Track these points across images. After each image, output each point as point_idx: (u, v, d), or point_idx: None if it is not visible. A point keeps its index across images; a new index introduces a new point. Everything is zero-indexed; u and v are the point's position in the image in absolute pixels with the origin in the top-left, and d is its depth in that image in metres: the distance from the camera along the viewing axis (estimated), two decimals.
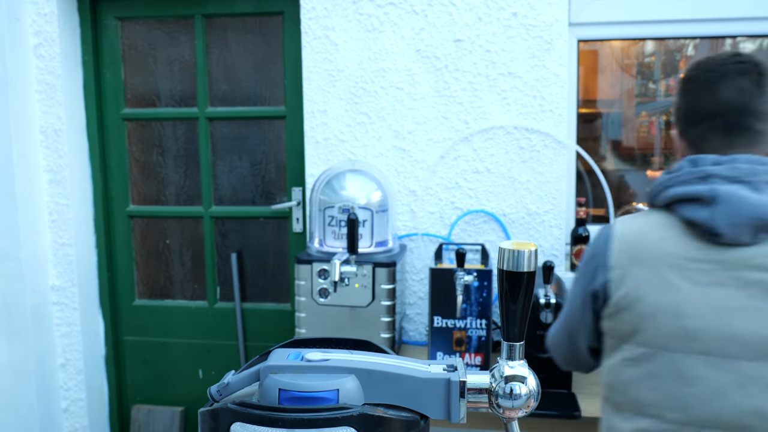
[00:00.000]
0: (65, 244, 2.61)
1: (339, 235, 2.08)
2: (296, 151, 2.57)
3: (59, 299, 2.65)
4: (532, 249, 0.68)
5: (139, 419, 2.79)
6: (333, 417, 0.58)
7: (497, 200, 2.36)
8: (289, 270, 2.66)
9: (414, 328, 2.48)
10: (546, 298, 1.82)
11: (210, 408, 0.62)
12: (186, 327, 2.76)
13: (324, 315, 2.04)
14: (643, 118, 2.72)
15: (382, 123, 2.38)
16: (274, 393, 0.62)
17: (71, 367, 2.70)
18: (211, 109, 2.63)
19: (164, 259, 2.79)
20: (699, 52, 2.71)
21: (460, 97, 2.33)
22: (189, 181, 2.72)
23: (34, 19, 2.49)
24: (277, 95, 2.59)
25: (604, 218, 2.48)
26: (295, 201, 2.59)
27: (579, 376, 2.00)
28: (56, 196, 2.59)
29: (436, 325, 1.94)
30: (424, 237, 2.42)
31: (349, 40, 2.36)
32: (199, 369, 2.77)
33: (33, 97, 2.53)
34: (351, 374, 0.63)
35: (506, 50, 2.28)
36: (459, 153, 2.36)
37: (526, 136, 2.31)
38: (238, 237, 2.71)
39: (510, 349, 0.70)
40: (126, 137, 2.70)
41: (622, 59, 2.72)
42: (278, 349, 0.70)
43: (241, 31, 2.59)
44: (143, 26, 2.65)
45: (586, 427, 1.80)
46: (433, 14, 2.30)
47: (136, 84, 2.69)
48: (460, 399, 0.65)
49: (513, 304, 0.68)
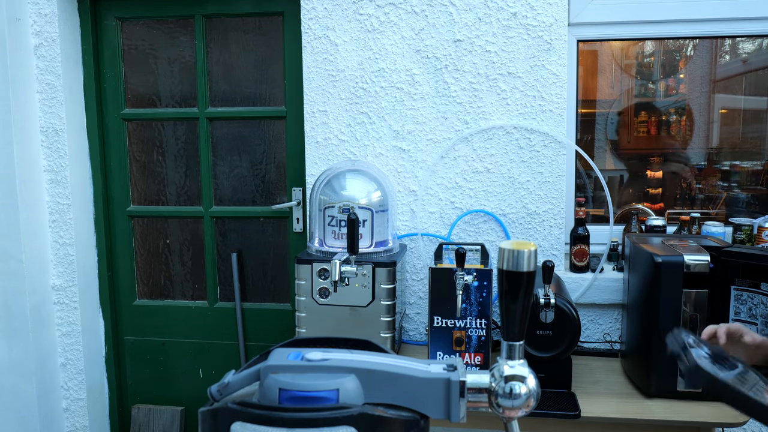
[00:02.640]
0: (66, 243, 2.61)
1: (339, 235, 2.08)
2: (296, 151, 2.57)
3: (60, 299, 2.65)
4: (532, 249, 0.68)
5: (140, 419, 2.79)
6: (333, 417, 0.58)
7: (497, 200, 2.36)
8: (289, 270, 2.66)
9: (414, 328, 2.48)
10: (546, 298, 1.83)
11: (210, 407, 0.62)
12: (186, 327, 2.77)
13: (324, 315, 2.04)
14: (643, 118, 2.72)
15: (382, 123, 2.38)
16: (274, 393, 0.62)
17: (72, 366, 2.70)
18: (211, 109, 2.63)
19: (164, 258, 2.79)
20: (699, 52, 2.71)
21: (460, 97, 2.33)
22: (189, 181, 2.72)
23: (35, 20, 2.49)
24: (277, 95, 2.59)
25: (604, 218, 2.48)
26: (295, 201, 2.60)
27: (579, 376, 2.00)
28: (57, 196, 2.59)
29: (436, 324, 1.94)
30: (424, 237, 2.42)
31: (350, 40, 2.36)
32: (199, 369, 2.78)
33: (34, 97, 2.54)
34: (351, 374, 0.63)
35: (506, 50, 2.28)
36: (459, 153, 2.36)
37: (525, 136, 2.31)
38: (238, 237, 2.72)
39: (510, 349, 0.70)
40: (126, 137, 2.70)
41: (621, 59, 2.72)
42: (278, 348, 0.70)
43: (241, 31, 2.59)
44: (143, 26, 2.65)
45: (586, 427, 1.80)
46: (433, 14, 2.31)
47: (137, 84, 2.69)
48: (460, 399, 0.65)
49: (513, 303, 0.68)
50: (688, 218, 2.24)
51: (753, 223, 2.26)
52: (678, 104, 2.71)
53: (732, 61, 2.69)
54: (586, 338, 2.36)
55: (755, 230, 2.25)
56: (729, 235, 2.27)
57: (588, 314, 2.35)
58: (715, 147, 2.66)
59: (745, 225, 2.26)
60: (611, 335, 2.35)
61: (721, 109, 2.67)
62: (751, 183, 2.59)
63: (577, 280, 2.31)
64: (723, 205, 2.63)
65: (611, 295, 2.29)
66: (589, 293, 2.30)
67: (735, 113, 2.68)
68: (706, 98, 2.67)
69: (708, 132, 2.66)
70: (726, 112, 2.68)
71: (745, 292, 1.81)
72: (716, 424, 1.74)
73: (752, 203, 2.58)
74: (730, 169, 2.63)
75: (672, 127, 2.71)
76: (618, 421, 1.78)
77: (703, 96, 2.68)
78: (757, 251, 1.82)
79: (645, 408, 1.79)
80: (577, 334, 1.85)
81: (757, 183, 2.58)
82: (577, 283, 2.31)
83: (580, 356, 2.22)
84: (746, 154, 2.61)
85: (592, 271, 2.32)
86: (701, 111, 2.67)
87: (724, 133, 2.67)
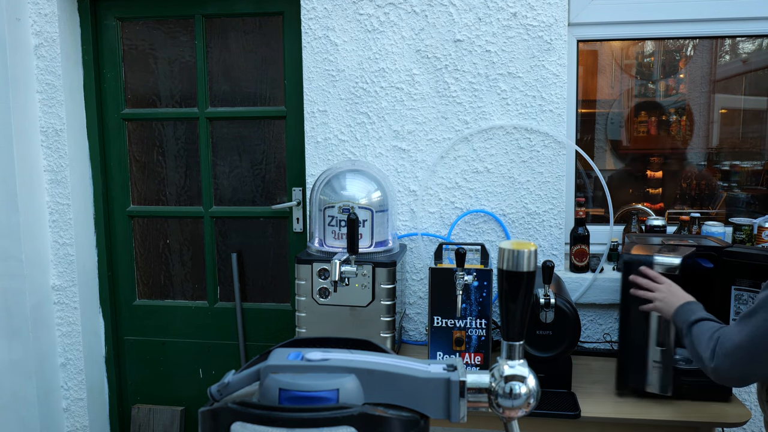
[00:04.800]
0: (66, 243, 2.61)
1: (339, 235, 2.08)
2: (296, 151, 2.57)
3: (60, 299, 2.65)
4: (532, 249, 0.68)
5: (140, 419, 2.79)
6: (333, 417, 0.58)
7: (497, 200, 2.36)
8: (289, 270, 2.66)
9: (414, 328, 2.48)
10: (546, 298, 1.83)
11: (210, 407, 0.62)
12: (186, 327, 2.76)
13: (324, 315, 2.04)
14: (643, 118, 2.72)
15: (382, 123, 2.38)
16: (274, 393, 0.62)
17: (72, 366, 2.70)
18: (211, 109, 2.63)
19: (164, 258, 2.79)
20: (699, 52, 2.71)
21: (460, 97, 2.33)
22: (189, 181, 2.72)
23: (35, 20, 2.49)
24: (277, 95, 2.59)
25: (604, 218, 2.48)
26: (295, 201, 2.60)
27: (579, 376, 2.00)
28: (57, 196, 2.59)
29: (436, 324, 1.94)
30: (424, 237, 2.42)
31: (350, 41, 2.36)
32: (199, 369, 2.78)
33: (34, 97, 2.54)
34: (351, 374, 0.63)
35: (506, 50, 2.28)
36: (459, 153, 2.36)
37: (525, 136, 2.31)
38: (238, 237, 2.72)
39: (510, 349, 0.70)
40: (126, 137, 2.70)
41: (621, 59, 2.72)
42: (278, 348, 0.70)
43: (241, 31, 2.59)
44: (143, 26, 2.65)
45: (586, 427, 1.80)
46: (433, 14, 2.31)
47: (137, 84, 2.69)
48: (460, 398, 0.65)
49: (513, 303, 0.68)
50: (688, 218, 2.24)
51: (753, 223, 2.26)
52: (678, 104, 2.71)
53: (732, 61, 2.69)
54: (586, 338, 2.36)
55: (755, 230, 2.25)
56: (729, 235, 2.27)
57: (588, 314, 2.35)
58: (715, 147, 2.66)
59: (745, 225, 2.26)
60: (611, 335, 2.35)
61: (721, 109, 2.67)
62: (751, 183, 2.59)
63: (577, 280, 2.31)
64: (723, 205, 2.63)
65: (611, 295, 2.29)
66: (589, 293, 2.30)
67: (735, 113, 2.68)
68: (706, 98, 2.67)
69: (708, 132, 2.66)
70: (726, 112, 2.68)
71: (746, 292, 1.81)
72: (716, 424, 1.74)
73: (752, 203, 2.58)
74: (730, 169, 2.63)
75: (672, 127, 2.71)
76: (618, 421, 1.78)
77: (703, 96, 2.68)
78: (757, 251, 1.82)
79: (645, 408, 1.79)
80: (577, 334, 1.85)
81: (757, 183, 2.58)
82: (577, 283, 2.30)
83: (580, 356, 2.22)
84: (746, 154, 2.61)
85: (592, 271, 2.32)
86: (701, 111, 2.67)
87: (724, 133, 2.67)
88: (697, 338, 1.47)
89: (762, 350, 1.33)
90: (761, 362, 1.36)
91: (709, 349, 1.41)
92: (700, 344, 1.45)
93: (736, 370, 1.37)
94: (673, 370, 1.79)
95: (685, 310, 1.56)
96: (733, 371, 1.38)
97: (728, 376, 1.40)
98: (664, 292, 1.64)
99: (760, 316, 1.33)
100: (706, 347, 1.42)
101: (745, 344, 1.35)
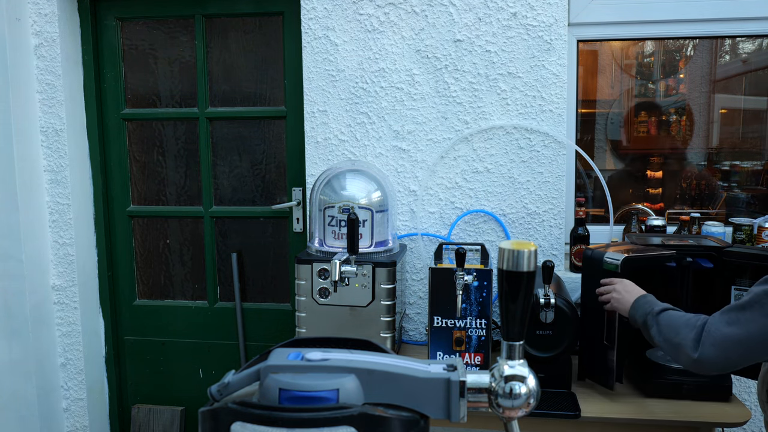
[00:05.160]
0: (66, 243, 2.61)
1: (339, 235, 2.08)
2: (296, 151, 2.57)
3: (60, 299, 2.65)
4: (532, 249, 0.68)
5: (140, 419, 2.79)
6: (333, 417, 0.58)
7: (497, 200, 2.36)
8: (289, 270, 2.66)
9: (414, 328, 2.48)
10: (546, 298, 1.83)
11: (210, 407, 0.62)
12: (186, 327, 2.76)
13: (324, 315, 2.04)
14: (643, 118, 2.72)
15: (382, 123, 2.38)
16: (274, 393, 0.62)
17: (72, 366, 2.70)
18: (211, 109, 2.63)
19: (164, 258, 2.79)
20: (699, 52, 2.71)
21: (460, 98, 2.33)
22: (189, 181, 2.72)
23: (35, 20, 2.49)
24: (277, 95, 2.59)
25: (604, 218, 2.48)
26: (295, 201, 2.60)
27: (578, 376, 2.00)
28: (57, 196, 2.59)
29: (436, 324, 1.94)
30: (424, 237, 2.42)
31: (349, 41, 2.36)
32: (199, 369, 2.78)
33: (34, 97, 2.54)
34: (351, 374, 0.63)
35: (506, 50, 2.28)
36: (459, 153, 2.36)
37: (525, 136, 2.31)
38: (238, 237, 2.72)
39: (510, 349, 0.70)
40: (126, 137, 2.70)
41: (621, 59, 2.72)
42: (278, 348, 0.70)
43: (241, 31, 2.59)
44: (143, 26, 2.65)
45: (586, 427, 1.80)
46: (433, 14, 2.31)
47: (137, 84, 2.69)
48: (460, 398, 0.65)
49: (513, 303, 0.68)
50: (688, 218, 2.24)
51: (753, 223, 2.26)
52: (678, 104, 2.71)
53: (732, 61, 2.69)
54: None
55: (755, 230, 2.25)
56: (729, 235, 2.27)
57: None
58: (715, 147, 2.66)
59: (745, 225, 2.26)
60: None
61: (721, 109, 2.67)
62: (751, 183, 2.59)
63: (577, 280, 2.30)
64: (723, 205, 2.63)
65: None
66: None
67: (735, 113, 2.68)
68: (706, 98, 2.67)
69: (708, 132, 2.66)
70: (726, 112, 2.68)
71: (746, 292, 1.81)
72: (716, 424, 1.74)
73: (752, 203, 2.58)
74: (730, 169, 2.63)
75: (672, 127, 2.71)
76: (618, 421, 1.78)
77: (703, 96, 2.68)
78: (757, 251, 1.82)
79: (645, 408, 1.79)
80: (578, 334, 1.85)
81: (757, 183, 2.58)
82: (577, 283, 2.30)
83: None
84: (746, 154, 2.61)
85: None
86: (701, 111, 2.67)
87: (724, 133, 2.67)
88: (669, 327, 1.47)
89: (757, 345, 1.34)
90: (755, 357, 1.36)
91: (690, 338, 1.41)
92: (677, 333, 1.44)
93: (723, 360, 1.37)
94: (667, 369, 1.83)
95: (643, 302, 1.60)
96: (718, 361, 1.38)
97: (711, 366, 1.39)
98: (619, 291, 1.70)
99: (757, 311, 1.34)
100: (686, 336, 1.42)
101: (738, 337, 1.35)
